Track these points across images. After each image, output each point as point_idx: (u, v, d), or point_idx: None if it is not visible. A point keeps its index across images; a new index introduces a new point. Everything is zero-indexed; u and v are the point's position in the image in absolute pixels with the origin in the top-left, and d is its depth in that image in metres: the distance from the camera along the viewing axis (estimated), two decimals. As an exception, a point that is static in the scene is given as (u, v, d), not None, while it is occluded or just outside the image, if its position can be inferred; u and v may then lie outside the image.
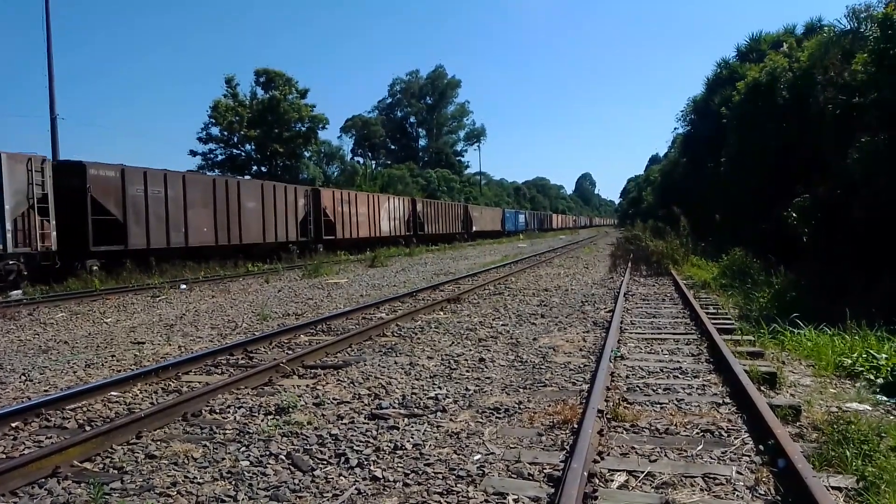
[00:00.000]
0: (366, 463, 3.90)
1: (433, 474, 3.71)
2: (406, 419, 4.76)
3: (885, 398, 5.12)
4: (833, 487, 3.34)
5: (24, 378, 6.52)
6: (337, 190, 31.23)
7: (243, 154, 51.43)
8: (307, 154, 56.66)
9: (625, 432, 4.35)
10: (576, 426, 4.31)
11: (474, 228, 51.91)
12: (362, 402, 5.26)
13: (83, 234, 16.16)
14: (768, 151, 15.64)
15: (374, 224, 33.02)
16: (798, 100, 14.50)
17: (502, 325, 9.08)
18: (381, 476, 3.69)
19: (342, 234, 29.31)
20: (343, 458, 3.97)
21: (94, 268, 16.49)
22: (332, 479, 3.69)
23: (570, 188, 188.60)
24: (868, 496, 3.21)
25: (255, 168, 51.35)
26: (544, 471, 3.71)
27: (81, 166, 16.31)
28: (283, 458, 4.02)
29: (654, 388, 5.44)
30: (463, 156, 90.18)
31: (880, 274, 8.95)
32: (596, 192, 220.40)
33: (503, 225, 62.18)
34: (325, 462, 3.94)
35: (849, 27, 13.35)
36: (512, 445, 4.15)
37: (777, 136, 15.32)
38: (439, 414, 4.88)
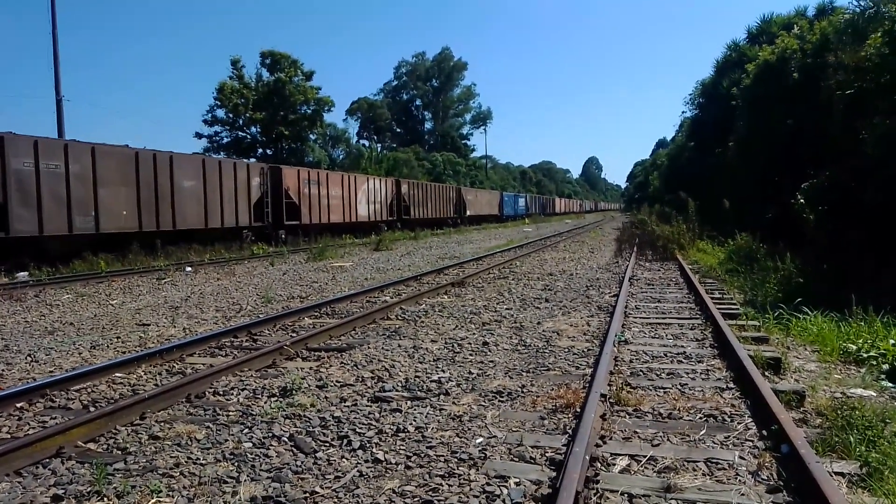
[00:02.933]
0: (368, 445, 3.91)
1: (435, 457, 3.71)
2: (409, 402, 4.76)
3: (890, 384, 5.09)
4: (836, 473, 3.32)
5: (29, 359, 6.56)
6: (303, 169, 27.31)
7: (249, 137, 51.34)
8: (312, 137, 56.49)
9: (627, 416, 4.34)
10: (578, 410, 4.30)
11: (468, 213, 48.42)
12: (365, 384, 5.26)
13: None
14: (777, 135, 15.45)
15: (349, 208, 29.52)
16: (809, 83, 14.29)
17: (506, 309, 9.06)
18: (383, 458, 3.69)
19: (309, 220, 25.83)
20: (345, 441, 3.98)
21: None
22: (335, 461, 3.69)
23: (576, 172, 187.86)
24: (871, 482, 3.20)
25: (260, 151, 51.30)
26: (546, 454, 3.71)
27: None
28: (286, 439, 4.03)
29: (658, 373, 5.42)
30: (469, 139, 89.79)
31: (889, 260, 8.87)
32: (602, 176, 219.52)
33: (501, 209, 58.85)
34: (327, 444, 3.95)
35: (862, 7, 13.11)
36: (514, 429, 4.15)
37: (787, 119, 15.13)
38: (442, 397, 4.88)
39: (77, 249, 16.03)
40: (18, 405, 4.77)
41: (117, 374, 5.61)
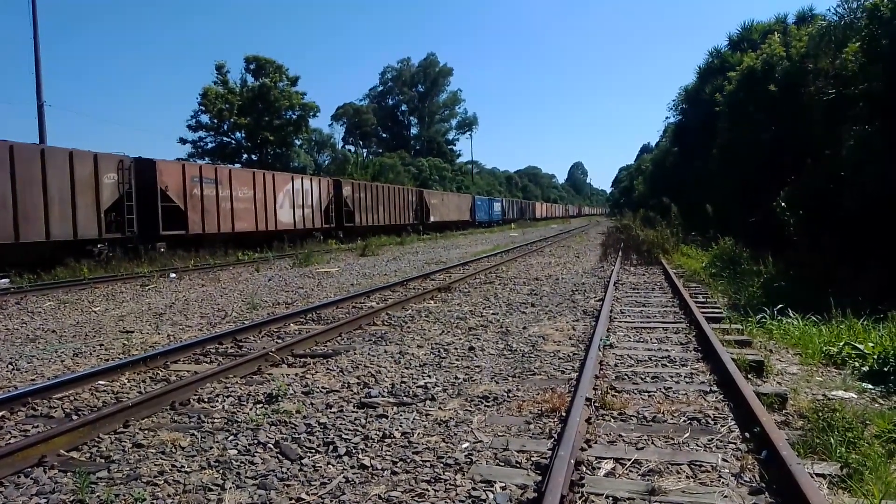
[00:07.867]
0: (354, 451, 3.90)
1: (421, 462, 3.72)
2: (395, 407, 4.76)
3: (870, 386, 5.17)
4: (817, 474, 3.37)
5: (11, 367, 6.48)
6: (191, 164, 21.84)
7: (233, 142, 51.10)
8: (298, 142, 56.35)
9: (612, 420, 4.37)
10: (564, 414, 4.33)
11: (432, 219, 42.56)
12: (351, 390, 5.26)
13: None
14: (760, 141, 15.67)
15: (265, 213, 23.91)
16: (790, 90, 14.52)
17: (492, 313, 9.09)
18: (369, 464, 3.69)
19: (202, 228, 20.43)
20: (331, 447, 3.97)
21: None
22: (321, 467, 3.69)
23: (562, 177, 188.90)
24: (851, 483, 3.25)
25: (245, 156, 51.03)
26: (532, 458, 3.73)
27: None
28: (272, 446, 4.01)
29: (643, 377, 5.47)
30: (455, 144, 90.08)
31: (868, 263, 9.02)
32: (588, 181, 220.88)
33: (473, 214, 53.09)
34: (313, 450, 3.94)
35: (840, 17, 13.35)
36: (500, 433, 4.17)
37: (769, 126, 15.35)
38: (428, 402, 4.89)
39: None
40: (-1, 414, 4.71)
41: (100, 382, 5.55)
